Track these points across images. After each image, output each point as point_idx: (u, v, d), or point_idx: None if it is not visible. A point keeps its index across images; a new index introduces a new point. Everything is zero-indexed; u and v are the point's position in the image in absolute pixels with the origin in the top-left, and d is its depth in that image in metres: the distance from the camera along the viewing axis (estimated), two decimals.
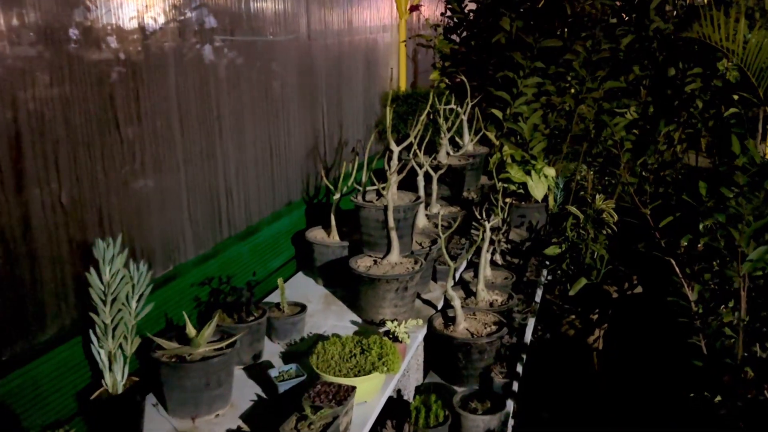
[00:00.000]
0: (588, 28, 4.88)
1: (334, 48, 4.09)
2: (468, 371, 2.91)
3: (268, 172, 3.38)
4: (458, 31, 5.21)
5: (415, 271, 2.94)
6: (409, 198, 3.24)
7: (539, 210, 4.86)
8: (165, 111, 2.56)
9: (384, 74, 5.04)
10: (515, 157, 4.90)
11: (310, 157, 3.83)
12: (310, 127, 3.80)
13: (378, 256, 3.11)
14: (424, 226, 3.65)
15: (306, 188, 3.80)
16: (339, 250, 3.33)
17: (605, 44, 4.93)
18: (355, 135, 4.51)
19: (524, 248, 4.29)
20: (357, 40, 4.47)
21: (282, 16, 3.41)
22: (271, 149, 3.39)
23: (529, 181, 4.69)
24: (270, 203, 3.42)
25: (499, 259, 3.99)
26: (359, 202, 3.08)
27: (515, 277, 3.65)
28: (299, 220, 3.72)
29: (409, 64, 5.65)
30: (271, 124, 3.37)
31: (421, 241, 3.40)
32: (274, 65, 3.35)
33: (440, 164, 4.00)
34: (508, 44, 4.69)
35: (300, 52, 3.63)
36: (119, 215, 2.36)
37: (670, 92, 5.05)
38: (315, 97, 3.85)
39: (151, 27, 2.47)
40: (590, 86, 5.01)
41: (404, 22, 5.17)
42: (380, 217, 3.02)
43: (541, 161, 4.84)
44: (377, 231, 3.06)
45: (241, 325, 2.51)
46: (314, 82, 3.83)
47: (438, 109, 4.21)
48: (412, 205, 3.09)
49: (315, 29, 3.80)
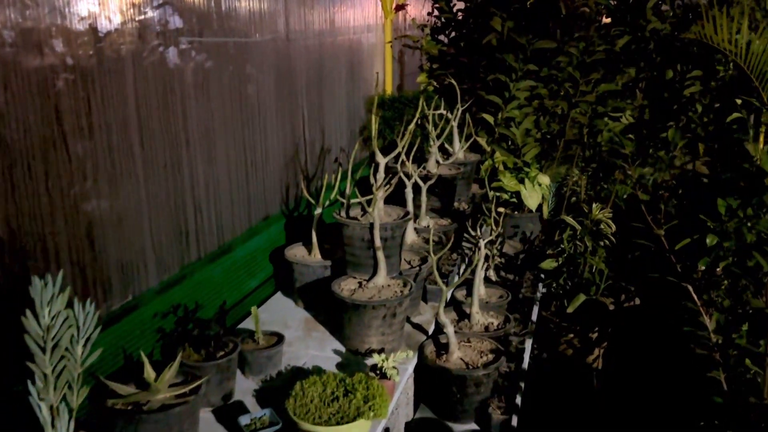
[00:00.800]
0: (582, 29, 4.65)
1: (314, 49, 3.82)
2: (463, 406, 2.66)
3: (242, 184, 3.10)
4: (446, 32, 4.96)
5: (404, 295, 2.68)
6: (396, 213, 2.98)
7: (533, 220, 4.63)
8: (122, 122, 2.27)
9: (369, 77, 4.77)
10: (507, 164, 4.67)
11: (290, 167, 3.56)
12: (289, 135, 3.52)
13: (363, 278, 2.84)
14: (413, 242, 3.39)
15: (286, 200, 3.53)
16: (321, 269, 3.06)
17: (600, 45, 4.71)
18: (339, 142, 4.23)
19: (519, 262, 4.05)
20: (340, 40, 4.20)
21: (257, 15, 3.13)
22: (246, 160, 3.11)
23: (523, 190, 4.45)
24: (245, 219, 3.14)
25: (493, 275, 3.74)
26: (342, 219, 2.81)
27: (510, 295, 3.41)
28: (278, 236, 3.44)
29: (395, 66, 5.38)
30: (246, 133, 3.09)
31: (410, 259, 3.14)
32: (248, 68, 3.07)
33: (429, 174, 3.74)
34: (500, 45, 4.44)
35: (278, 53, 3.35)
36: (67, 242, 2.07)
37: (668, 95, 4.83)
38: (294, 102, 3.57)
39: (105, 28, 2.18)
40: (584, 89, 4.78)
41: (390, 22, 4.91)
42: (365, 236, 2.76)
43: (535, 168, 4.61)
44: (362, 250, 2.80)
45: (208, 363, 2.24)
46: (293, 86, 3.55)
47: (426, 115, 3.95)
48: (400, 222, 2.82)
49: (294, 29, 3.52)
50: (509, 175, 4.50)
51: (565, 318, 3.96)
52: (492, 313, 3.17)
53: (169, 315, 2.52)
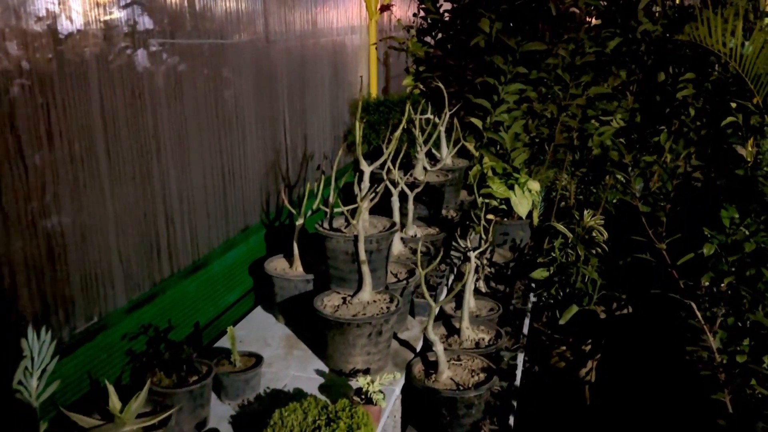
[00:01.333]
0: (572, 30, 4.53)
1: (296, 51, 3.66)
2: (453, 428, 2.51)
3: (219, 194, 2.94)
4: (433, 33, 4.82)
5: (390, 312, 2.53)
6: (382, 224, 2.83)
7: (523, 227, 4.50)
8: (86, 130, 2.11)
9: (353, 80, 4.62)
10: (496, 169, 4.53)
11: (271, 174, 3.40)
12: (269, 141, 3.37)
13: (348, 293, 2.69)
14: (399, 253, 3.24)
15: (266, 209, 3.37)
16: (303, 283, 2.90)
17: (590, 47, 4.59)
18: (322, 148, 4.08)
19: (509, 271, 3.92)
20: (323, 42, 4.05)
21: (234, 15, 2.97)
22: (223, 168, 2.95)
23: (513, 197, 4.32)
24: (222, 230, 2.98)
25: (483, 286, 3.60)
26: (325, 231, 2.66)
27: (501, 308, 3.27)
28: (258, 247, 3.28)
29: (380, 68, 5.24)
30: (223, 139, 2.93)
31: (396, 272, 2.99)
32: (225, 72, 2.91)
33: (417, 181, 3.60)
34: (488, 47, 4.31)
35: (257, 56, 3.20)
36: (24, 263, 1.90)
37: (660, 98, 4.73)
38: (275, 106, 3.41)
39: (67, 29, 2.02)
40: (574, 92, 4.66)
41: (374, 23, 4.76)
42: (349, 249, 2.61)
43: (524, 174, 4.48)
44: (346, 264, 2.64)
45: (180, 389, 2.08)
46: (274, 90, 3.39)
47: (413, 119, 3.81)
48: (386, 234, 2.68)
49: (275, 30, 3.36)
50: (498, 182, 4.37)
51: (558, 329, 3.83)
52: (483, 328, 3.03)
53: (139, 336, 2.36)
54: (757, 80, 3.84)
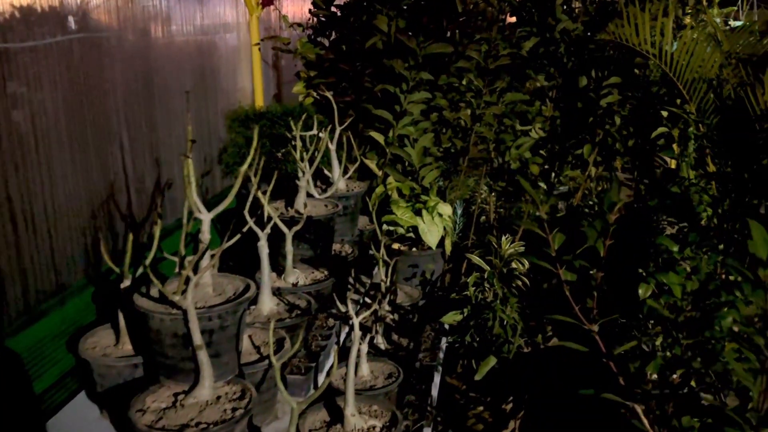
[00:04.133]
0: (483, 30, 3.95)
1: (139, 54, 2.90)
2: None
3: (11, 252, 2.14)
4: (327, 33, 4.14)
5: (235, 419, 1.82)
6: (234, 287, 2.12)
7: (434, 257, 3.88)
8: None
9: (230, 87, 3.88)
10: (403, 190, 3.90)
11: (102, 214, 2.62)
12: (97, 171, 2.59)
13: (182, 388, 1.96)
14: (270, 312, 2.54)
15: (94, 261, 2.59)
16: (128, 369, 2.15)
17: (504, 49, 4.04)
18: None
19: (416, 317, 3.28)
20: (182, 42, 3.29)
21: (27, 8, 2.19)
22: (14, 214, 2.16)
23: (421, 224, 3.69)
24: (19, 298, 2.19)
25: (382, 341, 2.94)
26: (144, 306, 1.92)
27: (402, 373, 2.62)
28: (82, 313, 2.50)
29: (270, 73, 4.52)
30: (10, 177, 2.14)
31: (260, 343, 2.29)
32: (12, 86, 2.13)
33: (297, 216, 2.91)
34: (387, 50, 3.67)
35: (70, 61, 2.42)
36: None
37: (582, 106, 4.22)
38: (106, 125, 2.64)
39: None
40: (489, 99, 4.09)
41: (256, 19, 4.03)
42: (180, 330, 1.88)
43: (434, 195, 3.86)
44: (177, 350, 1.92)
45: None
46: (104, 104, 2.62)
47: (296, 136, 3.11)
48: (233, 306, 1.96)
49: (99, 27, 2.59)
50: (404, 206, 3.73)
51: (475, 383, 3.23)
52: (376, 408, 2.37)
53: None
54: (691, 84, 3.36)
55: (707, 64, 3.30)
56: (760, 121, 3.05)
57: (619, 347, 1.75)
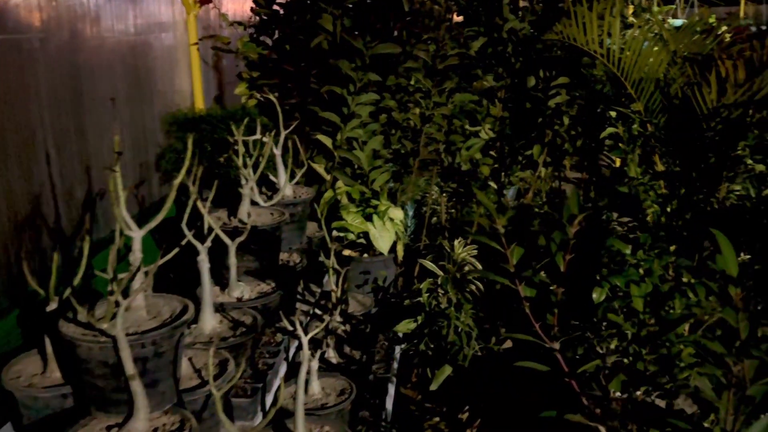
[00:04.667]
0: (431, 29, 3.87)
1: (66, 56, 2.69)
2: None
3: None
4: (270, 32, 3.98)
5: None
6: (170, 309, 1.96)
7: (386, 263, 3.77)
8: None
9: (167, 89, 3.69)
10: (353, 194, 3.78)
11: (27, 230, 2.42)
12: (19, 184, 2.38)
13: (116, 420, 1.80)
14: (213, 331, 2.39)
15: (17, 282, 2.38)
16: (57, 400, 1.97)
17: (453, 48, 3.97)
18: None
19: (368, 327, 3.17)
20: (113, 43, 3.09)
21: None
22: None
23: (372, 230, 3.58)
24: None
25: (333, 355, 2.82)
26: (70, 333, 1.75)
27: (354, 388, 2.51)
28: (6, 337, 2.30)
29: (211, 74, 4.33)
30: None
31: (202, 366, 2.14)
32: None
33: (241, 226, 2.76)
34: (333, 50, 3.55)
35: None
36: None
37: (531, 106, 4.20)
38: (26, 135, 2.43)
39: None
40: (438, 100, 4.02)
41: (194, 18, 3.84)
42: (110, 359, 1.72)
43: (385, 199, 3.76)
44: (108, 380, 1.76)
45: None
46: (25, 112, 2.42)
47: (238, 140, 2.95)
48: (169, 330, 1.81)
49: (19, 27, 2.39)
50: (354, 211, 3.62)
51: (430, 393, 3.15)
52: (328, 429, 2.25)
53: None
54: (638, 84, 3.35)
55: (654, 64, 3.30)
56: (707, 119, 3.06)
57: (582, 366, 1.68)
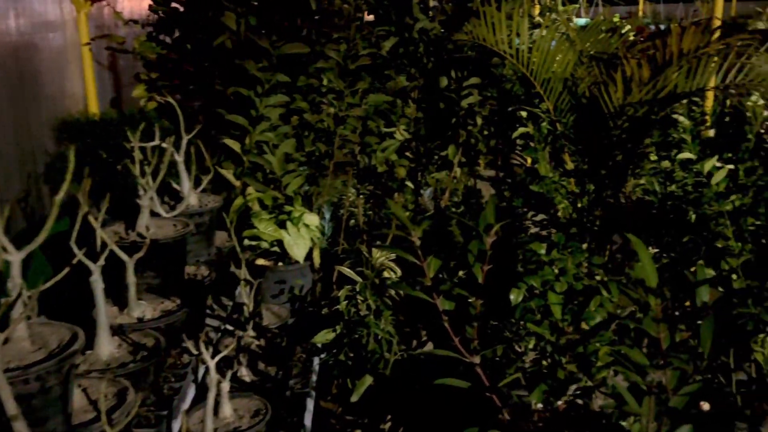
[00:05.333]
0: (341, 29, 3.77)
1: None
2: None
3: None
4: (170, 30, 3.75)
5: None
6: (58, 337, 1.76)
7: (303, 271, 3.64)
8: None
9: (57, 93, 3.40)
10: (265, 201, 3.62)
11: None
12: None
13: None
14: (110, 357, 2.18)
15: None
16: None
17: (364, 48, 3.88)
18: (2, 194, 2.84)
19: (284, 341, 3.03)
20: None
21: None
22: None
23: (286, 237, 3.44)
24: None
25: (247, 373, 2.66)
26: None
27: (270, 408, 2.37)
28: None
29: (105, 75, 4.04)
30: None
31: (97, 397, 1.94)
32: None
33: (139, 241, 2.55)
34: (238, 49, 3.37)
35: None
36: None
37: (444, 106, 4.17)
38: None
39: None
40: (351, 101, 3.92)
41: (85, 16, 3.56)
42: None
43: (299, 205, 3.63)
44: None
45: None
46: None
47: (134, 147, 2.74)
48: (56, 364, 1.61)
49: None
50: (267, 218, 3.46)
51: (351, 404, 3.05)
52: None
53: None
54: (547, 84, 3.39)
55: (561, 63, 3.34)
56: (613, 118, 3.12)
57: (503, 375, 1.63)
